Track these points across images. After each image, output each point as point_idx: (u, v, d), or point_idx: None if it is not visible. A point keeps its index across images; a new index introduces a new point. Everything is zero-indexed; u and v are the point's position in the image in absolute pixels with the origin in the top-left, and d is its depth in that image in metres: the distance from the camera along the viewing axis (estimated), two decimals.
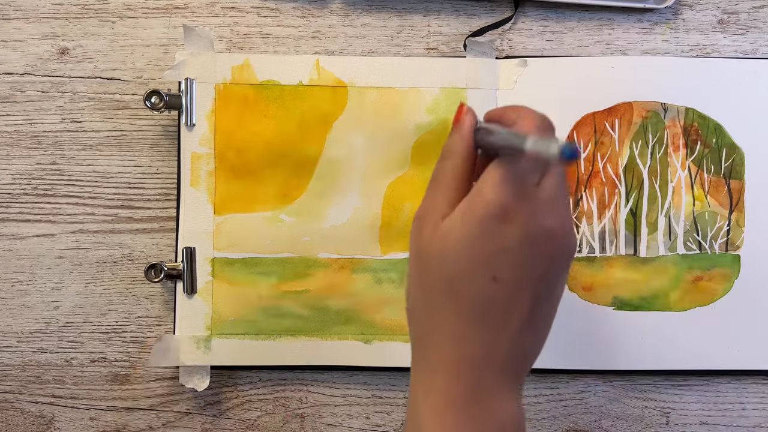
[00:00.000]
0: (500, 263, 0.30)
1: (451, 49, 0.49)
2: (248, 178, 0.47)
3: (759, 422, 0.48)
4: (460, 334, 0.30)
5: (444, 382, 0.30)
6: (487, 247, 0.29)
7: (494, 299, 0.30)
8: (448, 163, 0.32)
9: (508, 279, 0.30)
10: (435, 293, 0.31)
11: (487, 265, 0.30)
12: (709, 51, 0.49)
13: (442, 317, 0.31)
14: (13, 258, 0.48)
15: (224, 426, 0.48)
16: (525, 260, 0.30)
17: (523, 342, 0.31)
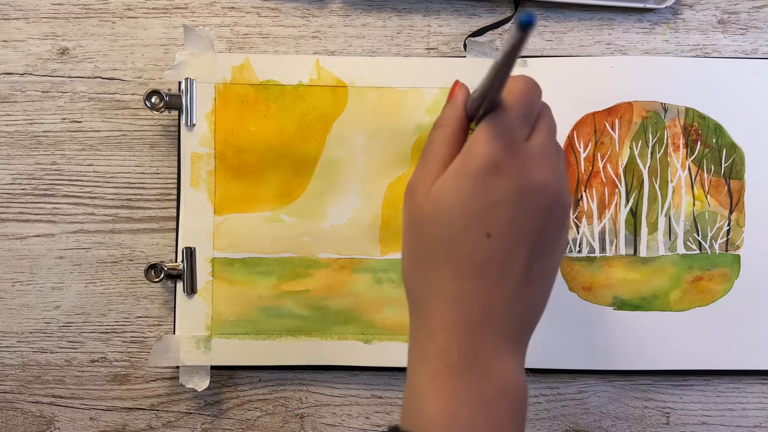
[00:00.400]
0: (494, 218, 0.29)
1: (451, 49, 0.49)
2: (248, 178, 0.47)
3: (759, 422, 0.48)
4: (458, 294, 0.30)
5: (442, 346, 0.30)
6: (480, 202, 0.29)
7: (490, 256, 0.30)
8: (440, 131, 0.33)
9: (503, 234, 0.30)
10: (431, 255, 0.31)
11: (481, 220, 0.29)
12: (709, 51, 0.49)
13: (439, 278, 0.30)
14: (13, 258, 0.48)
15: (224, 426, 0.48)
16: (519, 215, 0.30)
17: (522, 300, 0.30)
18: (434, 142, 0.32)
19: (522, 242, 0.30)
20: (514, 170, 0.30)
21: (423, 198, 0.31)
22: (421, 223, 0.31)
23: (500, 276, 0.30)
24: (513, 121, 0.30)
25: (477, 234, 0.30)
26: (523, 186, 0.30)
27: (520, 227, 0.30)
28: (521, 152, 0.30)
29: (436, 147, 0.32)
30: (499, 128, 0.30)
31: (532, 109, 0.32)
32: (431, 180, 0.31)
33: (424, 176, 0.32)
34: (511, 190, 0.29)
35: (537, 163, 0.30)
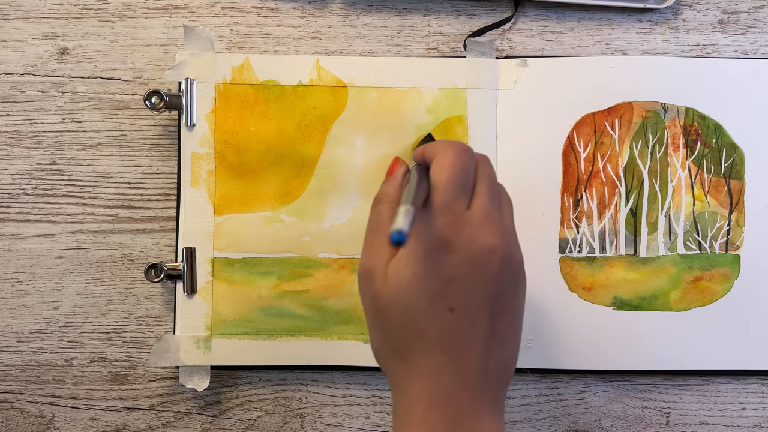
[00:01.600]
0: (453, 293, 0.31)
1: (451, 49, 0.49)
2: (248, 178, 0.47)
3: (759, 422, 0.48)
4: (431, 367, 0.31)
5: (422, 414, 0.31)
6: (437, 280, 0.31)
7: (456, 328, 0.31)
8: (382, 208, 0.34)
9: (464, 306, 0.31)
10: (400, 335, 0.32)
11: (442, 297, 0.31)
12: (709, 51, 0.49)
13: (412, 356, 0.31)
14: (13, 258, 0.48)
15: (224, 426, 0.48)
16: (474, 284, 0.31)
17: (493, 360, 0.32)
18: (379, 220, 0.33)
19: (482, 309, 0.31)
20: (461, 244, 0.31)
21: (382, 283, 0.32)
22: (386, 307, 0.32)
23: (468, 344, 0.31)
24: (450, 197, 0.31)
25: (440, 310, 0.31)
26: (472, 256, 0.31)
27: (478, 295, 0.31)
28: (465, 223, 0.31)
29: (383, 226, 0.33)
30: (438, 205, 0.31)
31: (467, 176, 0.33)
32: (385, 262, 0.32)
33: (377, 258, 0.32)
34: (463, 264, 0.31)
35: (481, 230, 0.31)
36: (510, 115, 0.48)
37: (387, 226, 0.33)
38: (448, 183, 0.32)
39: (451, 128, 0.47)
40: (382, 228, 0.33)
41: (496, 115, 0.48)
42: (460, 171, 0.32)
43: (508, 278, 0.32)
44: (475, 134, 0.47)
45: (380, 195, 0.35)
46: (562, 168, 0.48)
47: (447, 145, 0.34)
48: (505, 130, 0.48)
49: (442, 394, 0.31)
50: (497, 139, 0.48)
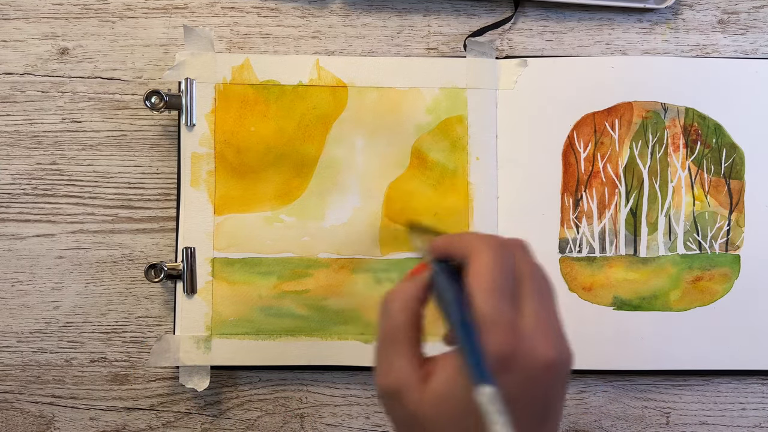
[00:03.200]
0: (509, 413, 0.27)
1: (451, 49, 0.49)
2: (248, 178, 0.47)
3: (759, 422, 0.48)
4: None
5: None
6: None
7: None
8: (398, 312, 0.29)
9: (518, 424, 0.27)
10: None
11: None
12: (709, 51, 0.49)
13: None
14: (13, 258, 0.48)
15: (224, 426, 0.48)
16: (529, 402, 0.28)
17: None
18: (395, 327, 0.29)
19: (534, 422, 0.28)
20: (519, 361, 0.27)
21: (419, 402, 0.28)
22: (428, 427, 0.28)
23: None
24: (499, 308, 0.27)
25: None
26: (529, 374, 0.27)
27: (530, 413, 0.28)
28: (520, 337, 0.27)
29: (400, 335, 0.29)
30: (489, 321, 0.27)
31: (510, 278, 0.29)
32: (416, 380, 0.28)
33: (403, 376, 0.28)
34: (520, 383, 0.27)
35: (537, 341, 0.28)
36: (510, 115, 0.48)
37: (405, 334, 0.29)
38: (494, 291, 0.28)
39: (451, 128, 0.47)
40: (399, 337, 0.29)
41: (496, 115, 0.48)
42: (503, 274, 0.28)
43: (559, 387, 0.29)
44: (475, 134, 0.47)
45: (396, 292, 0.30)
46: (562, 168, 0.48)
47: (480, 242, 0.29)
48: (505, 130, 0.48)
49: None
50: (497, 139, 0.48)
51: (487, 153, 0.47)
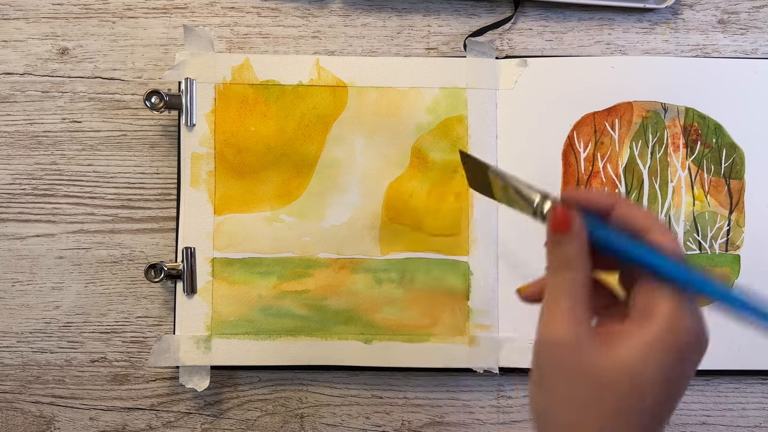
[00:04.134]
0: (683, 388, 0.29)
1: (451, 49, 0.49)
2: (248, 178, 0.47)
3: (759, 422, 0.48)
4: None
5: None
6: (682, 376, 0.29)
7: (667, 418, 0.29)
8: (573, 275, 0.29)
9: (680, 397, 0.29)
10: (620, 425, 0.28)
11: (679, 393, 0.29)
12: (709, 51, 0.49)
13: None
14: (13, 258, 0.48)
15: (224, 426, 0.48)
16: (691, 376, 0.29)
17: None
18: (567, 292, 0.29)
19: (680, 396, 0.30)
20: (703, 341, 0.29)
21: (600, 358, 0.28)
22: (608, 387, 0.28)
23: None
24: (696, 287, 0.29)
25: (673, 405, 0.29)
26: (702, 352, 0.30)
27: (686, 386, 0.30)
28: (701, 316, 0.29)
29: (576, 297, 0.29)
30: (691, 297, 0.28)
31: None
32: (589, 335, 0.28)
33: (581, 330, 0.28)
34: (698, 361, 0.29)
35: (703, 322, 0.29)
36: (510, 115, 0.48)
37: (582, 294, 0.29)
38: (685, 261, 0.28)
39: (451, 128, 0.47)
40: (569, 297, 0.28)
41: (496, 115, 0.48)
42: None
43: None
44: (475, 134, 0.47)
45: (562, 260, 0.29)
46: (562, 168, 0.48)
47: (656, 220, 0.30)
48: (505, 130, 0.48)
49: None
50: (497, 139, 0.48)
51: (487, 153, 0.47)
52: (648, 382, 0.27)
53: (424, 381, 0.48)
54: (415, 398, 0.48)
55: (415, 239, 0.47)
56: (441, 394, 0.48)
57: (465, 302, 0.47)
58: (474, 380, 0.48)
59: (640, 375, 0.27)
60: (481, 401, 0.48)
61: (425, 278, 0.47)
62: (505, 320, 0.47)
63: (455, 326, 0.47)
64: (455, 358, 0.46)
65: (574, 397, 0.28)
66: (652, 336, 0.28)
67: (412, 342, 0.47)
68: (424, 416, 0.48)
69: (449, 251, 0.47)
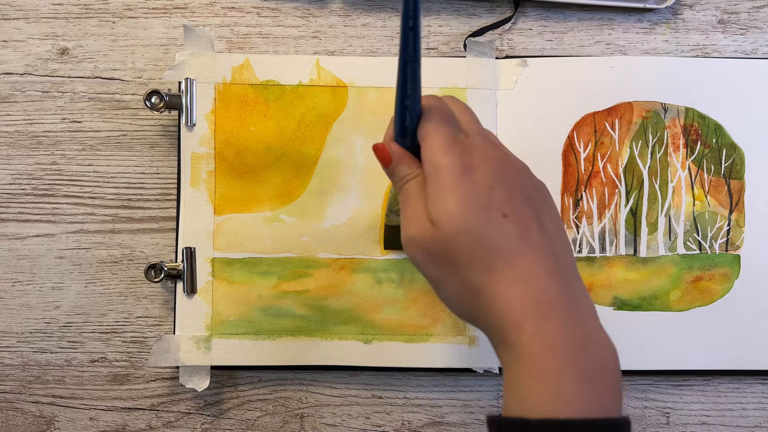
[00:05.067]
0: (498, 200, 0.32)
1: (451, 49, 0.49)
2: (248, 178, 0.47)
3: (759, 422, 0.48)
4: (518, 276, 0.31)
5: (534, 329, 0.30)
6: (479, 194, 0.32)
7: (518, 232, 0.31)
8: (411, 185, 0.34)
9: (513, 209, 0.32)
10: (477, 263, 0.31)
11: (492, 207, 0.31)
12: (709, 51, 0.49)
13: (491, 278, 0.31)
14: (13, 258, 0.48)
15: (224, 426, 0.48)
16: (509, 187, 0.32)
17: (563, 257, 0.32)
18: (409, 195, 0.34)
19: (527, 210, 0.32)
20: (478, 161, 0.32)
21: (433, 230, 0.32)
22: (450, 245, 0.31)
23: (536, 245, 0.32)
24: (445, 128, 0.33)
25: (498, 220, 0.31)
26: (494, 167, 0.33)
27: (518, 197, 0.32)
28: (472, 147, 0.33)
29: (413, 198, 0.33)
30: (444, 139, 0.33)
31: (448, 112, 0.35)
32: (426, 217, 0.32)
33: (418, 220, 0.33)
34: (490, 175, 0.32)
35: (488, 146, 0.34)
36: (510, 115, 0.48)
37: (418, 196, 0.33)
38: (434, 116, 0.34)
39: None
40: (412, 199, 0.33)
41: (496, 115, 0.48)
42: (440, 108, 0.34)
43: (528, 180, 0.34)
44: None
45: (401, 177, 0.34)
46: (562, 168, 0.48)
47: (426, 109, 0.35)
48: (505, 130, 0.48)
49: (543, 301, 0.30)
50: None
51: None
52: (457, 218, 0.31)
53: (424, 381, 0.48)
54: (415, 398, 0.48)
55: None
56: (441, 394, 0.48)
57: None
58: (474, 380, 0.48)
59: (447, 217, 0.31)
60: (481, 401, 0.48)
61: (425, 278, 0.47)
62: None
63: (455, 326, 0.47)
64: (455, 358, 0.46)
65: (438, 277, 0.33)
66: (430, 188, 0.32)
67: (412, 342, 0.47)
68: (424, 416, 0.48)
69: None
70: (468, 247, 0.31)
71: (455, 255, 0.31)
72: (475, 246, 0.31)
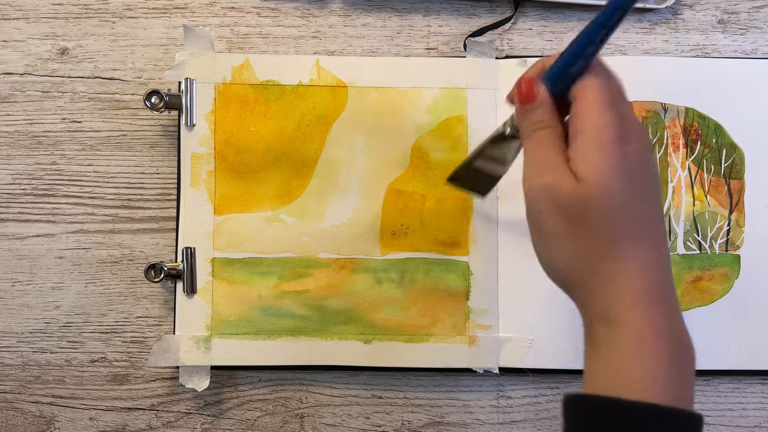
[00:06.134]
0: (645, 181, 0.31)
1: (451, 49, 0.49)
2: (248, 178, 0.47)
3: (759, 422, 0.48)
4: (645, 262, 0.31)
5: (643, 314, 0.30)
6: (631, 168, 0.31)
7: (651, 217, 0.31)
8: (544, 133, 0.33)
9: (652, 194, 0.32)
10: (609, 235, 0.31)
11: (638, 186, 0.31)
12: (709, 51, 0.49)
13: (626, 254, 0.31)
14: (13, 258, 0.48)
15: (224, 426, 0.48)
16: (652, 171, 0.32)
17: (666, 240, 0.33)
18: (544, 143, 0.32)
19: (657, 197, 0.32)
20: (633, 136, 0.31)
21: (575, 186, 0.31)
22: (588, 207, 0.31)
23: (660, 235, 0.32)
24: (609, 90, 0.32)
25: (639, 200, 0.31)
26: (645, 148, 0.31)
27: (653, 184, 0.32)
28: (629, 119, 0.32)
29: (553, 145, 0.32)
30: (607, 99, 0.31)
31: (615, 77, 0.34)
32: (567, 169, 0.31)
33: (557, 169, 0.31)
34: (641, 153, 0.31)
35: (640, 125, 0.32)
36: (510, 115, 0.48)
37: (557, 143, 0.32)
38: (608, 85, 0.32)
39: (451, 128, 0.47)
40: (546, 147, 0.32)
41: (496, 115, 0.48)
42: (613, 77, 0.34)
43: (657, 172, 0.33)
44: (475, 134, 0.47)
45: (535, 122, 0.33)
46: None
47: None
48: None
49: (659, 288, 0.30)
50: None
51: None
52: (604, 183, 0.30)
53: (424, 381, 0.48)
54: (415, 398, 0.48)
55: (415, 239, 0.47)
56: (441, 394, 0.48)
57: (465, 302, 0.47)
58: (474, 380, 0.48)
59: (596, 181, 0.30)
60: (481, 401, 0.48)
61: (425, 278, 0.47)
62: (505, 320, 0.47)
63: (455, 326, 0.47)
64: (455, 358, 0.46)
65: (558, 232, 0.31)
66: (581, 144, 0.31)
67: (412, 342, 0.47)
68: (424, 416, 0.48)
69: (449, 251, 0.47)
70: (607, 215, 0.30)
71: (593, 214, 0.30)
72: (615, 217, 0.30)
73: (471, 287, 0.47)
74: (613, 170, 0.30)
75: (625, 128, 0.31)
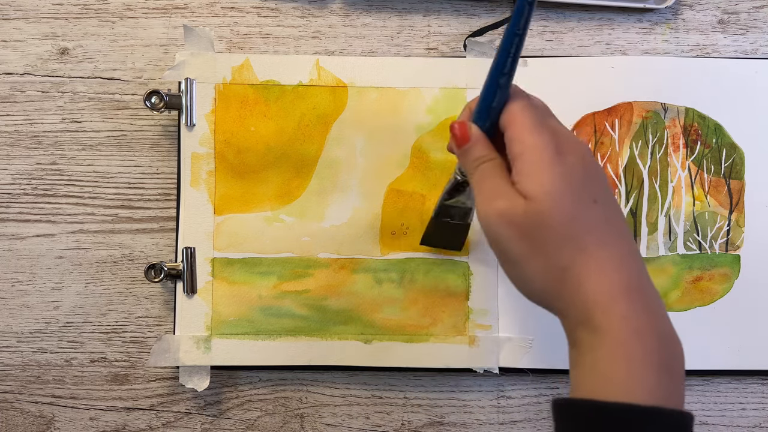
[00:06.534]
0: (590, 185, 0.32)
1: (451, 49, 0.49)
2: (248, 178, 0.47)
3: (759, 422, 0.48)
4: (613, 257, 0.31)
5: (624, 311, 0.30)
6: (574, 176, 0.32)
7: (607, 217, 0.32)
8: (486, 167, 0.34)
9: (602, 196, 0.33)
10: (568, 243, 0.31)
11: (585, 190, 0.32)
12: (709, 51, 0.49)
13: (582, 259, 0.31)
14: (13, 258, 0.48)
15: (224, 426, 0.48)
16: (595, 176, 0.33)
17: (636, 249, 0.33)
18: (484, 176, 0.34)
19: (610, 196, 0.33)
20: (568, 147, 0.33)
21: (525, 206, 0.32)
22: (542, 223, 0.31)
23: (622, 230, 0.32)
24: (534, 110, 0.34)
25: (590, 204, 0.32)
26: (582, 155, 0.33)
27: (602, 184, 0.33)
28: (560, 133, 0.34)
29: (497, 175, 0.34)
30: (535, 120, 0.33)
31: (534, 97, 0.36)
32: (515, 193, 0.32)
33: (506, 194, 0.33)
34: (580, 161, 0.33)
35: (572, 135, 0.34)
36: None
37: (501, 172, 0.33)
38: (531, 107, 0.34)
39: None
40: (491, 178, 0.33)
41: None
42: (533, 98, 0.36)
43: (603, 174, 0.34)
44: None
45: (475, 159, 0.35)
46: None
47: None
48: None
49: (634, 282, 0.31)
50: None
51: None
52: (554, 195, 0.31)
53: (424, 381, 0.48)
54: (415, 398, 0.48)
55: (415, 239, 0.47)
56: (441, 394, 0.48)
57: (465, 302, 0.47)
58: (474, 380, 0.48)
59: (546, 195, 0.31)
60: (481, 401, 0.48)
61: (425, 278, 0.47)
62: (505, 320, 0.47)
63: (455, 326, 0.47)
64: (455, 358, 0.46)
65: (521, 254, 0.32)
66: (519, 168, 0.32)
67: (412, 342, 0.47)
68: (424, 416, 0.48)
69: (449, 251, 0.47)
70: (563, 224, 0.31)
71: (547, 231, 0.31)
72: (571, 223, 0.31)
73: (471, 287, 0.47)
74: (558, 181, 0.31)
75: (559, 141, 0.33)
